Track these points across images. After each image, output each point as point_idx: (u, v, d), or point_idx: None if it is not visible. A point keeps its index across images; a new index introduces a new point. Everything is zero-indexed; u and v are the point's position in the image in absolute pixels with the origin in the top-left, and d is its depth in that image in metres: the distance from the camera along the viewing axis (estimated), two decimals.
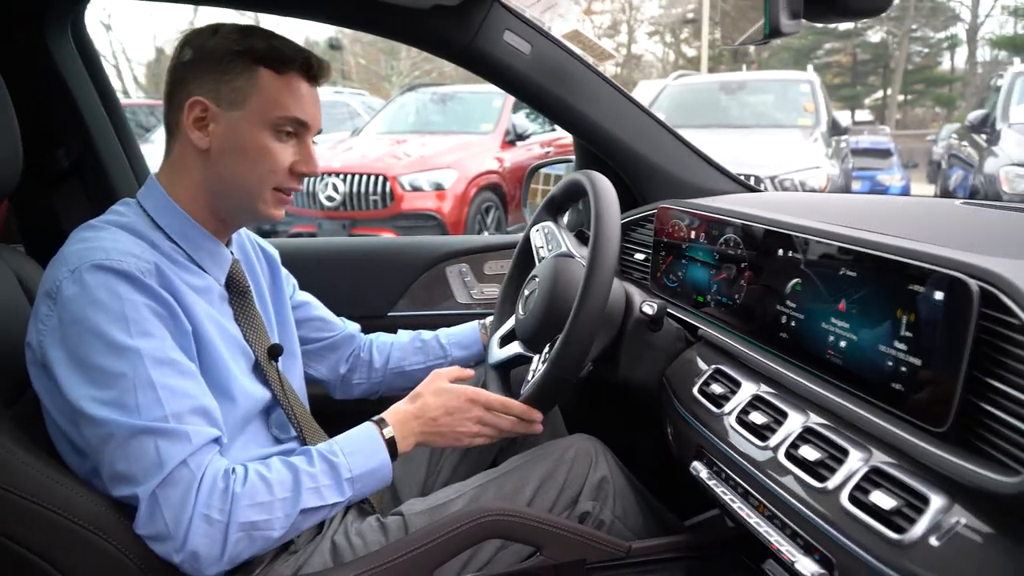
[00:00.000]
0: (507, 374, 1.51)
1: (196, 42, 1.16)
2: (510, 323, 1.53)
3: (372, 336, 1.65)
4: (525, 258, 1.63)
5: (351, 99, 12.15)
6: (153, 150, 2.98)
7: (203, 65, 1.15)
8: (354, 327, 1.64)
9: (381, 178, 6.56)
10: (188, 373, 1.06)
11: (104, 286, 1.02)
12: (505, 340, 1.53)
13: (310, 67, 1.19)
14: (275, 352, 1.28)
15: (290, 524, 1.07)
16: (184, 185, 1.18)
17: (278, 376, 1.27)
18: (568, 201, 1.58)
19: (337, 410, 1.57)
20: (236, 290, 1.26)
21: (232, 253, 1.28)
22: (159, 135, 8.76)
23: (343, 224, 6.53)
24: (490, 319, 1.66)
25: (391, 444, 1.18)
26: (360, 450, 1.15)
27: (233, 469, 1.05)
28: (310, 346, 1.56)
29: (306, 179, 1.24)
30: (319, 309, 1.59)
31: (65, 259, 1.05)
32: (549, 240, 1.54)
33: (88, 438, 1.02)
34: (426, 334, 1.65)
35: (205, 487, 1.00)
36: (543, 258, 1.51)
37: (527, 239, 1.62)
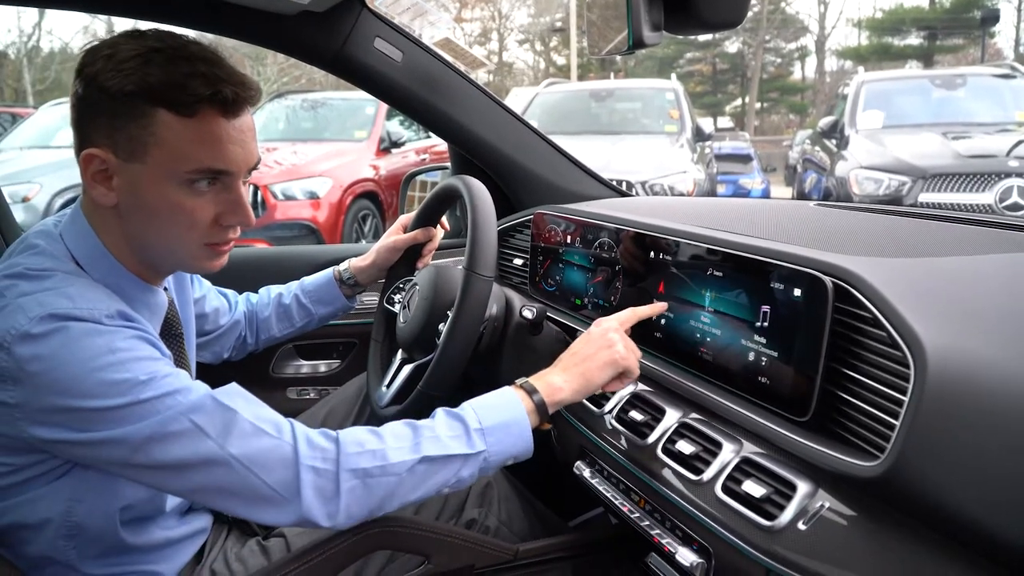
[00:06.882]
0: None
1: (88, 71, 0.93)
2: (389, 376, 1.50)
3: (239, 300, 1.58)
4: (388, 325, 1.59)
5: None
6: None
7: (95, 106, 0.94)
8: (240, 308, 1.56)
9: (252, 187, 6.36)
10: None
11: (83, 334, 0.88)
12: (391, 383, 1.47)
13: (224, 101, 0.96)
14: None
15: (409, 471, 0.97)
16: (108, 232, 1.01)
17: None
18: (443, 206, 1.58)
19: None
20: (170, 334, 1.14)
21: (166, 289, 1.15)
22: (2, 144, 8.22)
23: None
24: (344, 265, 1.62)
25: (534, 400, 1.07)
26: (491, 404, 1.07)
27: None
28: (199, 339, 1.44)
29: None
30: (212, 301, 1.48)
31: (21, 307, 0.88)
32: (408, 292, 1.49)
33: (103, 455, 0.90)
34: (286, 296, 1.59)
35: (302, 440, 0.93)
36: (404, 320, 1.45)
37: (383, 309, 1.60)
